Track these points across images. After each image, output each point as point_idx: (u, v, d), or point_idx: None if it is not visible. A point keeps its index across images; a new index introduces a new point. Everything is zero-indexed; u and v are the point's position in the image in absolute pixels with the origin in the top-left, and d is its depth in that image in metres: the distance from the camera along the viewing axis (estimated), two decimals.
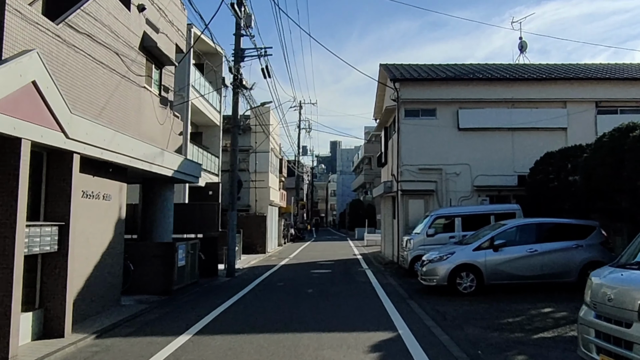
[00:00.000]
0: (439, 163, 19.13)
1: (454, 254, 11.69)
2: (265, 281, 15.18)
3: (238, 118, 17.07)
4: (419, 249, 15.51)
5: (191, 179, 13.94)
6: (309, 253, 28.36)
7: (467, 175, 19.06)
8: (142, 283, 12.04)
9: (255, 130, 29.92)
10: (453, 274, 11.47)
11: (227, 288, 13.65)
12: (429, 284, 11.92)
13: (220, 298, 11.70)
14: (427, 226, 15.70)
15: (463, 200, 18.89)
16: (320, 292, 12.53)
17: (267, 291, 12.96)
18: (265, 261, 23.05)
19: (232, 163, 16.78)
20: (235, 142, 16.93)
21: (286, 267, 19.93)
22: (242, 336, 7.83)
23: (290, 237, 43.13)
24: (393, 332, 7.89)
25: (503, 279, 11.48)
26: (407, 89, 19.63)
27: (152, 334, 8.14)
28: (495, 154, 19.05)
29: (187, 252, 13.21)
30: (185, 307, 10.69)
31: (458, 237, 15.35)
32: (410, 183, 19.09)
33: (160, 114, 13.45)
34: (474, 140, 19.25)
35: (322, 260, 22.70)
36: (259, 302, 11.14)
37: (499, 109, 19.38)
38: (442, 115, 19.48)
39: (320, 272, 17.76)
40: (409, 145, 19.31)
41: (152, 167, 11.06)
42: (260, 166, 30.33)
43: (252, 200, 29.99)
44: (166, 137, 13.83)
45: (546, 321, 8.50)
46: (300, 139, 55.20)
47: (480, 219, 15.54)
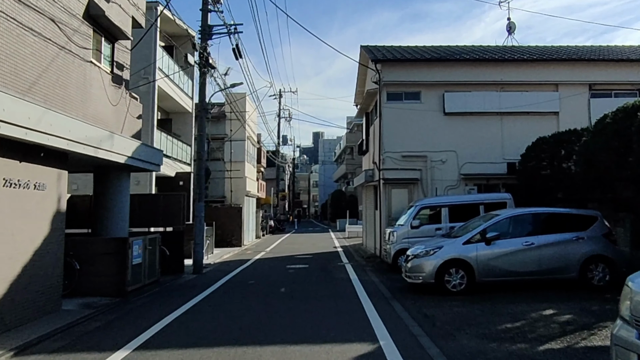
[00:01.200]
0: (424, 150, 17.92)
1: (442, 248, 10.45)
2: (234, 279, 13.84)
3: (206, 101, 15.60)
4: (403, 242, 14.29)
5: (150, 167, 12.48)
6: (288, 246, 27.05)
7: (454, 163, 17.88)
8: (92, 284, 10.62)
9: (231, 118, 28.43)
10: (441, 270, 10.25)
11: (191, 287, 12.28)
12: (415, 281, 10.69)
13: (179, 300, 10.33)
14: (411, 217, 14.48)
15: (449, 190, 17.73)
16: (294, 292, 11.23)
17: (234, 291, 11.63)
18: (240, 255, 21.68)
19: (199, 150, 15.32)
20: (202, 128, 15.47)
21: (261, 262, 18.60)
22: (191, 351, 6.49)
23: (270, 229, 41.75)
24: (373, 344, 6.63)
25: (496, 276, 10.29)
26: (390, 70, 18.34)
27: (85, 349, 6.76)
28: (484, 140, 17.91)
29: (145, 248, 11.79)
30: (137, 312, 9.31)
31: (445, 229, 14.18)
32: (393, 171, 17.85)
33: (113, 93, 11.95)
34: (461, 125, 18.07)
35: (300, 254, 21.41)
36: (223, 306, 9.80)
37: (488, 92, 18.21)
38: (427, 99, 18.25)
39: (297, 267, 16.47)
40: (392, 131, 18.05)
41: (97, 153, 9.59)
42: (235, 155, 28.86)
43: (227, 191, 28.54)
44: (121, 120, 12.34)
45: (550, 327, 7.31)
46: (280, 128, 53.88)
47: (468, 209, 14.39)
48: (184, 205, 14.87)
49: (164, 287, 12.25)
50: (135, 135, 13.11)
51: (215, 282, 12.99)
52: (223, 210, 27.00)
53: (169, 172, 21.89)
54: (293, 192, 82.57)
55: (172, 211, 14.96)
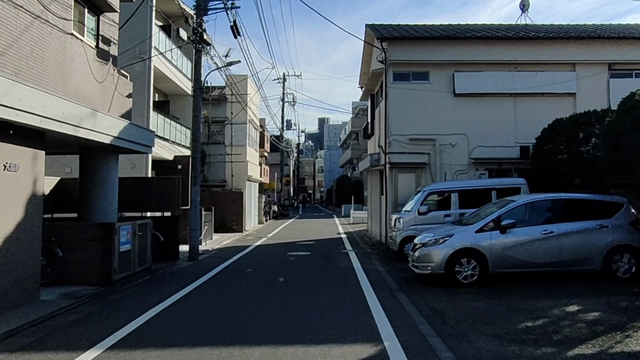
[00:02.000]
0: (432, 133, 17.03)
1: (453, 236, 9.62)
2: (231, 267, 13.10)
3: (201, 80, 14.71)
4: (410, 229, 13.48)
5: (141, 149, 11.67)
6: (290, 232, 26.33)
7: (464, 147, 16.99)
8: (76, 272, 9.90)
9: (232, 100, 27.52)
10: (451, 260, 9.44)
11: (184, 276, 11.54)
12: (423, 272, 9.89)
13: (168, 290, 9.59)
14: (419, 203, 13.64)
15: (459, 175, 16.87)
16: (293, 282, 10.47)
17: (228, 281, 10.88)
18: (240, 241, 20.97)
19: (195, 132, 14.50)
20: (198, 109, 14.62)
21: (261, 249, 17.87)
22: (170, 352, 5.73)
23: (273, 214, 41.05)
24: (376, 345, 5.85)
25: (512, 267, 9.46)
26: (396, 49, 17.38)
27: (53, 347, 6.02)
28: (496, 123, 17.00)
29: (134, 234, 11.04)
30: (120, 303, 8.57)
31: (455, 215, 13.35)
32: (399, 155, 16.98)
33: (98, 69, 11.12)
34: (471, 107, 17.14)
35: (303, 240, 20.67)
36: (214, 298, 9.05)
37: (500, 72, 17.23)
38: (436, 79, 17.30)
39: (298, 254, 15.72)
40: (398, 113, 17.15)
41: (77, 132, 8.77)
42: (237, 139, 28.00)
43: (228, 176, 27.75)
44: (107, 99, 11.53)
45: (577, 327, 6.50)
46: (284, 113, 53.01)
47: (480, 194, 13.55)
48: (179, 189, 14.09)
49: (155, 276, 11.52)
50: (125, 115, 12.30)
51: (210, 271, 12.25)
52: (224, 194, 26.26)
53: (167, 156, 21.12)
54: (297, 177, 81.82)
55: (166, 195, 14.18)
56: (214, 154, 27.88)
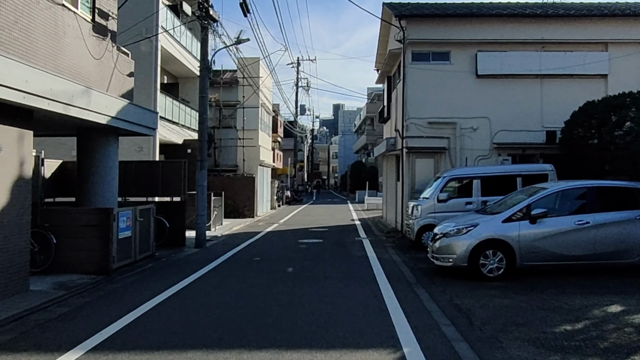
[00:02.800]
0: (453, 116, 16.11)
1: (477, 226, 8.80)
2: (239, 255, 12.43)
3: (208, 59, 13.91)
4: (428, 217, 12.68)
5: (142, 130, 10.95)
6: (303, 218, 25.64)
7: (486, 131, 16.06)
8: (72, 260, 9.29)
9: (243, 84, 26.76)
10: (475, 252, 8.63)
11: (188, 264, 10.90)
12: (443, 264, 9.09)
13: (169, 280, 8.93)
14: (438, 190, 12.81)
15: (480, 160, 15.96)
16: (303, 273, 9.75)
17: (234, 270, 10.20)
18: (251, 227, 20.33)
19: (202, 113, 13.76)
20: (204, 89, 13.85)
21: (271, 235, 17.20)
22: (158, 355, 5.05)
23: (286, 199, 40.44)
24: (394, 352, 5.10)
25: (542, 260, 8.63)
26: (415, 27, 16.43)
27: (29, 346, 5.37)
28: (520, 106, 16.02)
29: (135, 220, 10.40)
30: (114, 295, 7.92)
31: (477, 203, 12.51)
32: (417, 139, 16.11)
33: (95, 45, 10.40)
34: (494, 89, 16.17)
35: (315, 227, 19.96)
36: (217, 289, 8.37)
37: (526, 52, 16.20)
38: (457, 59, 16.33)
39: (310, 242, 15.01)
40: (417, 95, 16.24)
41: (69, 111, 8.05)
42: (249, 123, 27.31)
43: (239, 160, 27.10)
44: (106, 77, 10.83)
45: (625, 331, 5.68)
46: (297, 98, 52.10)
47: (503, 181, 12.69)
48: (185, 173, 13.41)
49: (157, 264, 10.88)
50: (125, 94, 11.61)
51: (217, 259, 11.59)
52: (235, 179, 25.63)
53: (176, 139, 20.50)
54: (312, 162, 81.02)
55: (172, 180, 13.52)
56: (225, 138, 27.25)
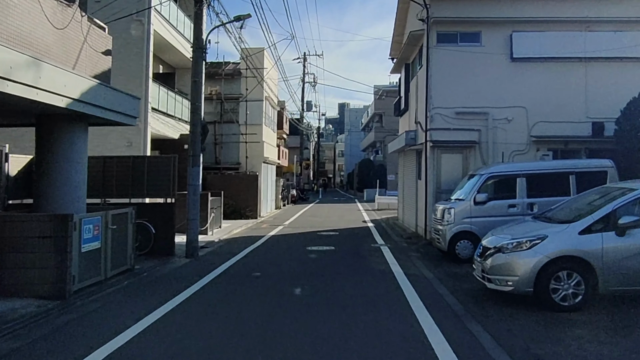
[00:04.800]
0: (484, 105, 14.03)
1: (546, 238, 6.73)
2: (235, 268, 10.41)
3: (202, 38, 11.82)
4: (463, 222, 10.64)
5: (118, 118, 8.90)
6: (310, 219, 23.61)
7: (522, 122, 13.97)
8: (20, 281, 7.31)
9: (247, 75, 24.71)
10: (544, 273, 6.56)
11: (172, 282, 8.89)
12: (500, 288, 7.00)
13: (143, 307, 6.92)
14: (475, 190, 10.74)
15: (516, 156, 13.88)
16: (314, 297, 7.71)
17: (228, 292, 8.18)
18: (253, 230, 18.32)
19: (194, 101, 11.71)
20: (198, 72, 11.80)
21: (276, 241, 15.18)
22: None
23: (292, 198, 38.45)
24: None
25: (633, 284, 6.56)
26: (441, 4, 14.37)
27: None
28: (562, 94, 13.94)
29: (106, 227, 8.38)
30: (62, 334, 5.89)
31: (521, 206, 10.47)
32: (443, 132, 14.04)
33: (56, 12, 8.40)
34: (532, 74, 14.08)
35: (324, 230, 17.92)
36: (201, 324, 6.34)
37: (568, 32, 14.10)
38: (490, 40, 14.24)
39: (320, 249, 12.98)
40: (443, 82, 14.17)
41: (5, 87, 6.01)
42: (252, 117, 25.23)
43: (242, 157, 25.05)
44: (72, 52, 8.83)
45: None
46: (304, 94, 50.07)
47: (554, 180, 10.68)
48: (175, 171, 11.42)
49: (134, 281, 8.87)
50: (100, 76, 9.61)
51: (207, 274, 9.56)
52: (237, 177, 23.62)
53: (172, 134, 18.54)
54: (318, 160, 78.97)
55: (160, 178, 11.52)
56: (227, 134, 25.22)
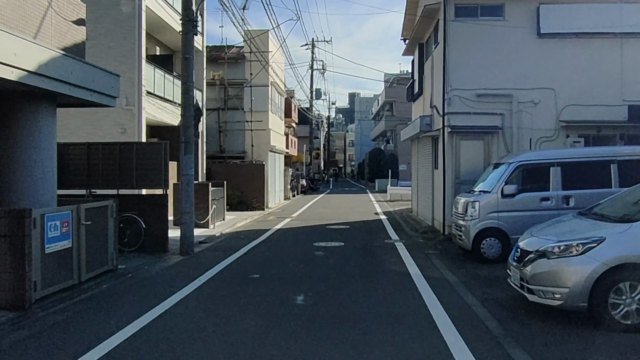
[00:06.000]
0: (508, 87, 12.74)
1: (603, 242, 5.49)
2: (233, 267, 9.29)
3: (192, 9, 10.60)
4: (490, 217, 9.41)
5: (91, 97, 7.71)
6: (319, 210, 22.49)
7: (550, 106, 12.67)
8: None
9: (251, 59, 23.50)
10: (602, 284, 5.34)
11: (159, 285, 7.79)
12: (545, 301, 5.73)
13: (117, 319, 5.81)
14: (502, 180, 9.48)
15: (543, 142, 12.60)
16: (319, 308, 6.56)
17: (220, 299, 7.05)
18: (258, 223, 17.23)
19: (185, 81, 10.51)
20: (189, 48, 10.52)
21: (281, 235, 14.06)
22: None
23: (302, 189, 37.39)
24: None
25: None
26: None
27: None
28: (594, 74, 12.61)
29: (77, 223, 7.28)
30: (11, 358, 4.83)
31: (556, 199, 9.24)
32: (463, 116, 12.77)
33: None
34: (561, 52, 12.75)
35: (334, 223, 16.77)
36: (177, 346, 5.22)
37: (602, 4, 12.76)
38: (514, 14, 12.90)
39: (328, 245, 11.83)
40: (462, 60, 12.90)
41: None
42: (257, 104, 24.07)
43: (247, 146, 23.95)
44: (32, 18, 7.67)
45: None
46: (313, 81, 48.73)
47: (592, 169, 9.40)
48: (166, 158, 10.30)
49: (116, 284, 7.79)
50: (71, 48, 8.43)
51: (201, 275, 8.45)
52: (242, 167, 22.55)
53: (171, 120, 17.43)
54: (328, 150, 77.71)
55: (150, 167, 10.42)
56: (232, 121, 24.12)
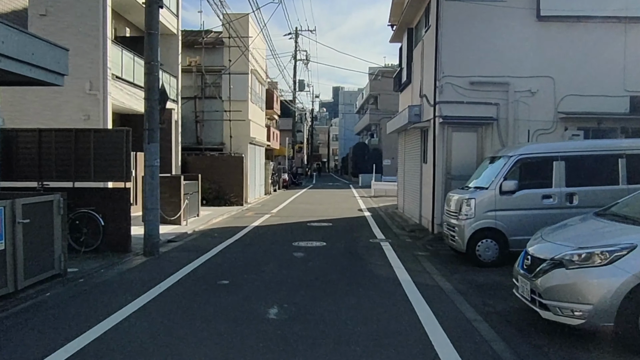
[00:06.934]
0: (504, 74, 11.83)
1: (634, 249, 4.58)
2: (200, 271, 8.23)
3: None
4: (487, 216, 8.48)
5: (35, 74, 6.58)
6: (301, 206, 21.49)
7: (549, 95, 11.79)
8: None
9: (229, 44, 22.33)
10: (633, 302, 4.43)
11: (111, 292, 6.72)
12: (563, 320, 4.80)
13: (46, 341, 4.76)
14: (501, 176, 8.55)
15: (540, 135, 11.73)
16: (295, 323, 5.56)
17: (179, 313, 6.01)
18: (235, 220, 16.18)
19: (149, 60, 9.36)
20: (153, 23, 9.37)
21: (258, 234, 13.03)
22: None
23: (284, 183, 36.37)
24: None
25: None
26: None
27: None
28: (596, 61, 11.76)
29: (12, 222, 6.17)
30: None
31: (559, 197, 8.35)
32: (455, 106, 11.84)
33: None
34: (561, 37, 11.86)
35: (316, 220, 15.78)
36: None
37: None
38: None
39: (309, 246, 10.84)
40: (456, 44, 11.94)
41: None
42: (237, 93, 22.90)
43: (226, 137, 22.78)
44: None
45: None
46: (296, 72, 47.62)
47: (598, 164, 8.51)
48: (128, 147, 9.19)
49: (62, 292, 6.69)
50: (10, 16, 7.29)
51: (163, 280, 7.39)
52: (220, 160, 21.41)
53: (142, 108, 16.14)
54: (312, 144, 76.76)
55: (111, 156, 9.31)
56: (209, 111, 22.92)
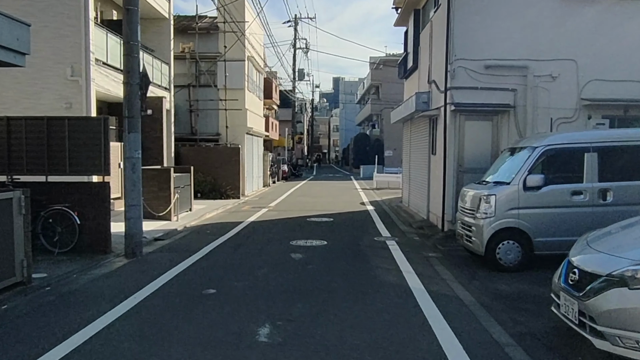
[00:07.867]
0: (522, 57, 10.80)
1: None
2: (185, 277, 7.27)
3: None
4: (509, 215, 7.50)
5: None
6: (300, 199, 20.55)
7: (571, 80, 10.77)
8: None
9: (225, 30, 21.23)
10: None
11: (81, 303, 5.76)
12: (626, 352, 3.78)
13: None
14: (526, 169, 7.56)
15: (561, 124, 10.73)
16: (291, 346, 4.61)
17: (153, 332, 5.05)
18: (230, 214, 15.23)
19: (129, 40, 8.29)
20: None
21: (253, 231, 12.07)
22: None
23: (283, 174, 35.45)
24: None
25: None
26: None
27: None
28: (623, 44, 10.76)
29: None
30: None
31: (590, 193, 7.38)
32: (469, 92, 10.82)
33: None
34: (584, 16, 10.80)
35: (316, 215, 14.82)
36: None
37: None
38: None
39: (308, 246, 9.88)
40: (469, 23, 10.91)
41: None
42: (233, 81, 21.84)
43: (222, 127, 21.76)
44: None
45: None
46: (295, 61, 46.55)
47: (635, 155, 7.53)
48: (106, 137, 8.21)
49: (22, 303, 5.74)
50: None
51: (143, 287, 6.45)
52: (215, 151, 20.43)
53: None
54: (312, 135, 75.62)
55: (87, 148, 8.33)
56: (204, 100, 21.89)
